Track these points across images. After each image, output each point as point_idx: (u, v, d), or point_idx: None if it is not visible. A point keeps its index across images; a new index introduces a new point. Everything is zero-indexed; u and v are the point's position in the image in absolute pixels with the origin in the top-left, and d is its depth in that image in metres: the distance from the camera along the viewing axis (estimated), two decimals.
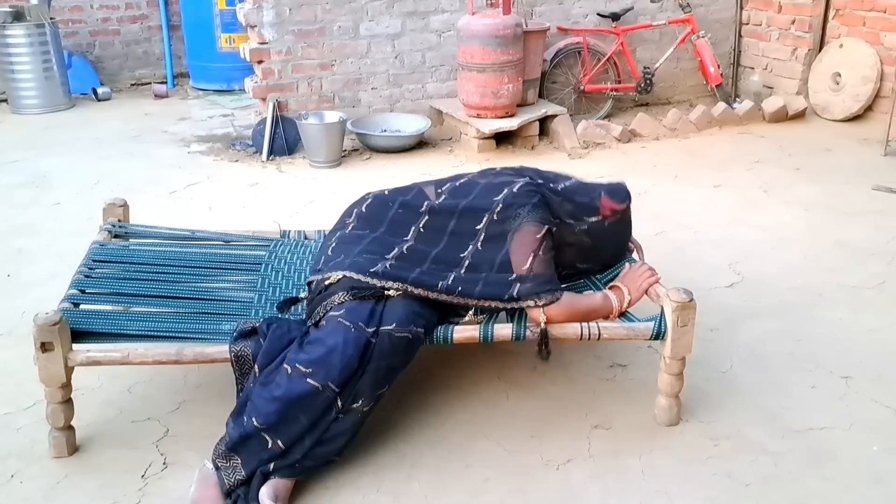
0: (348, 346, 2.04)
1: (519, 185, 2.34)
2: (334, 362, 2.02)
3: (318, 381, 2.01)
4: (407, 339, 2.11)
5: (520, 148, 5.16)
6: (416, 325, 2.13)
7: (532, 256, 2.23)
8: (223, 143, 5.39)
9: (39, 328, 2.05)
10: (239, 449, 2.03)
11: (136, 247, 2.77)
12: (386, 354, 2.09)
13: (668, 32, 5.95)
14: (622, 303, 2.32)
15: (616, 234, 2.49)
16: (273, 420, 2.01)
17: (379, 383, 2.10)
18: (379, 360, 2.08)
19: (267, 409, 2.01)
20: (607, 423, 2.38)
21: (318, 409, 2.02)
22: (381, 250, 2.25)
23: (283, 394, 2.01)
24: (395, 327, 2.09)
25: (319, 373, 2.01)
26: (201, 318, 2.32)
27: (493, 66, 4.91)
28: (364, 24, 5.31)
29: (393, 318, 2.10)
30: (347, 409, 2.07)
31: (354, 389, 2.06)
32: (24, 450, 2.24)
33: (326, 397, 2.02)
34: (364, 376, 2.07)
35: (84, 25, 7.07)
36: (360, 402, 2.08)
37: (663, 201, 4.20)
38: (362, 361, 2.05)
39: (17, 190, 4.45)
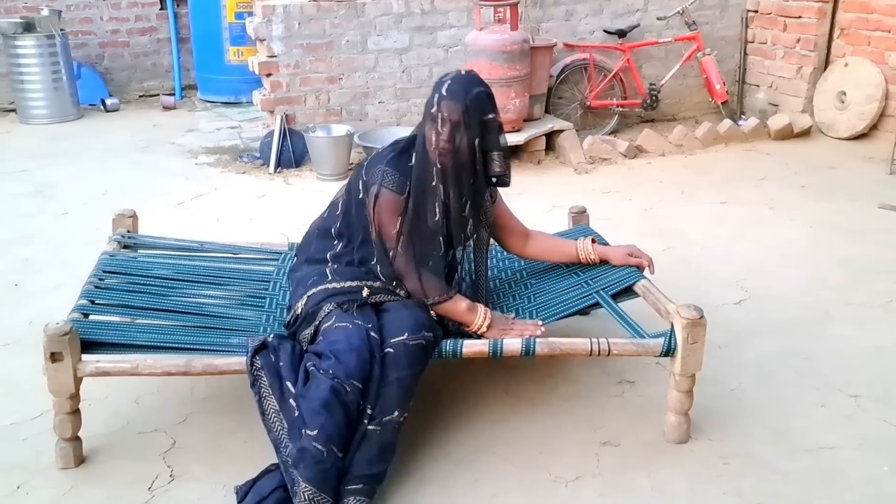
0: (352, 339, 2.09)
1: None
2: (348, 360, 2.05)
3: (340, 380, 2.03)
4: (422, 346, 2.15)
5: (526, 163, 5.18)
6: (426, 331, 2.17)
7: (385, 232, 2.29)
8: (231, 154, 5.41)
9: (50, 338, 2.05)
10: (299, 463, 1.98)
11: (144, 258, 2.78)
12: (407, 364, 2.11)
13: (674, 49, 5.98)
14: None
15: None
16: (313, 422, 2.00)
17: (408, 392, 2.12)
18: (400, 370, 2.10)
19: (312, 420, 2.01)
20: (616, 440, 2.37)
21: (349, 405, 2.02)
22: (320, 265, 2.37)
23: (316, 398, 2.03)
24: (408, 336, 2.12)
25: (339, 372, 2.04)
26: (209, 332, 2.32)
27: (499, 81, 4.92)
28: (372, 38, 5.34)
29: (403, 327, 2.13)
30: (383, 422, 2.07)
31: (382, 399, 2.07)
32: (30, 460, 2.24)
33: (353, 397, 2.03)
34: (389, 387, 2.08)
35: (94, 37, 7.11)
36: (395, 414, 2.09)
37: (669, 218, 4.21)
38: (372, 354, 2.09)
39: (25, 199, 4.47)
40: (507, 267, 2.85)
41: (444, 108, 2.19)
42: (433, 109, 2.21)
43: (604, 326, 2.84)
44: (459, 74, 2.28)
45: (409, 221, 2.25)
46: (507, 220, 2.57)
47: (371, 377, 2.08)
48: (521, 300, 2.58)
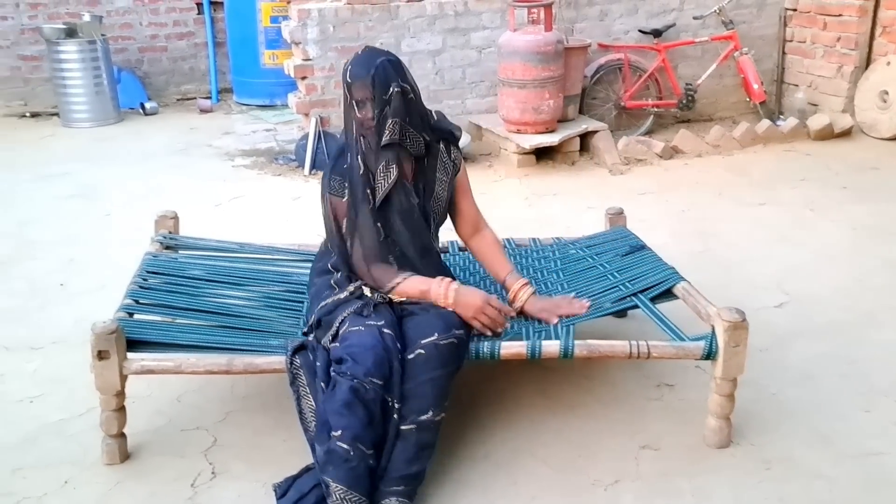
0: (365, 339, 2.10)
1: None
2: (364, 359, 2.05)
3: (359, 379, 2.03)
4: (454, 345, 2.14)
5: (560, 164, 5.16)
6: (457, 329, 2.17)
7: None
8: (266, 157, 5.47)
9: (97, 336, 2.09)
10: (328, 466, 1.99)
11: (186, 259, 2.82)
12: (440, 363, 2.11)
13: (710, 49, 5.91)
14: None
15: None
16: (339, 424, 2.00)
17: (442, 392, 2.12)
18: (433, 371, 2.10)
19: (336, 421, 2.02)
20: (656, 444, 2.35)
21: (371, 404, 2.03)
22: (327, 275, 2.40)
23: (338, 400, 2.03)
24: (438, 336, 2.11)
25: (357, 372, 2.04)
26: (248, 334, 2.35)
27: (533, 82, 4.92)
28: (406, 40, 5.36)
29: (433, 328, 2.13)
30: (418, 422, 2.07)
31: (415, 399, 2.07)
32: (77, 456, 2.29)
33: (373, 395, 2.03)
34: (423, 387, 2.08)
35: (133, 42, 7.24)
36: (430, 413, 2.09)
37: (707, 219, 4.16)
38: (388, 350, 2.09)
39: (69, 201, 4.56)
40: (543, 267, 2.84)
41: (355, 91, 2.19)
42: (348, 100, 2.22)
43: (640, 328, 2.83)
44: (357, 55, 2.27)
45: (350, 219, 2.27)
46: (460, 202, 2.47)
47: (391, 374, 2.07)
48: None
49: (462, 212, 2.48)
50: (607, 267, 2.70)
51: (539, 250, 2.98)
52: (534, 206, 4.44)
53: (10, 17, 6.88)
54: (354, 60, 2.23)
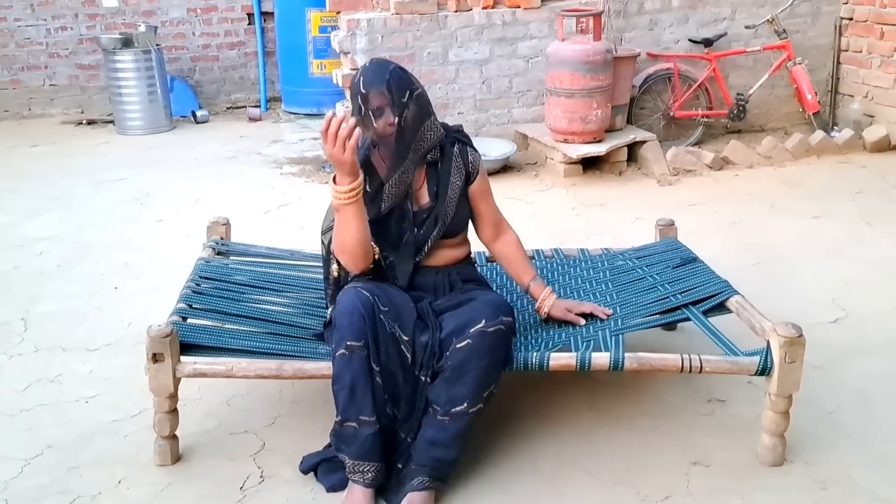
0: (345, 303, 2.11)
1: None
2: (343, 323, 2.08)
3: (342, 348, 2.07)
4: (501, 331, 2.12)
5: (607, 174, 5.11)
6: (504, 315, 2.15)
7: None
8: (314, 165, 5.53)
9: (152, 339, 2.13)
10: (340, 445, 2.12)
11: (237, 265, 2.86)
12: (486, 351, 2.09)
13: (762, 59, 5.81)
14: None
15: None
16: (341, 405, 2.09)
17: (485, 382, 2.11)
18: (480, 360, 2.08)
19: (336, 402, 2.11)
20: (707, 460, 2.31)
21: (358, 369, 2.07)
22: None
23: (334, 379, 2.11)
24: (485, 323, 2.10)
25: (340, 341, 2.08)
26: (297, 341, 2.37)
27: (581, 91, 4.89)
28: (453, 50, 5.38)
29: (480, 315, 2.11)
30: (451, 413, 2.08)
31: (455, 389, 2.08)
32: (130, 457, 2.33)
33: (356, 355, 2.06)
34: (466, 375, 2.08)
35: (186, 51, 7.41)
36: (464, 405, 2.09)
37: (759, 232, 4.08)
38: (368, 312, 2.09)
39: (124, 207, 4.67)
40: (592, 278, 2.82)
41: (371, 100, 2.17)
42: (362, 111, 2.18)
43: (690, 342, 2.80)
44: (365, 67, 2.25)
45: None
46: (479, 206, 2.43)
47: (368, 334, 2.07)
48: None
49: (481, 215, 2.46)
50: (658, 279, 2.66)
51: (587, 260, 2.95)
52: (580, 217, 4.41)
53: (69, 28, 7.09)
54: (364, 72, 2.22)
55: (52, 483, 2.22)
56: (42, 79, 7.11)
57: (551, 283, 2.80)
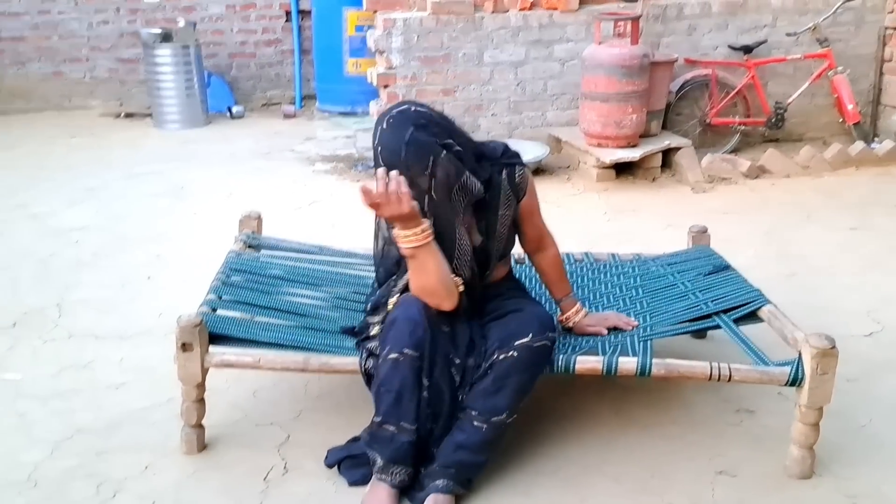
0: (414, 311, 2.08)
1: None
2: (402, 330, 2.06)
3: (395, 352, 2.05)
4: (546, 347, 2.13)
5: (640, 179, 5.07)
6: (550, 331, 2.14)
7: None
8: (346, 163, 5.56)
9: (182, 329, 2.16)
10: (372, 444, 2.11)
11: (267, 258, 2.88)
12: (529, 366, 2.10)
13: (803, 67, 5.72)
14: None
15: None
16: (383, 407, 2.07)
17: (522, 394, 2.12)
18: (521, 373, 2.09)
19: (377, 403, 2.09)
20: (733, 470, 2.27)
21: (408, 377, 2.05)
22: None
23: (379, 381, 2.08)
24: (532, 338, 2.09)
25: (394, 346, 2.06)
26: (326, 335, 2.38)
27: (617, 95, 4.86)
28: (489, 51, 5.38)
29: (527, 329, 2.10)
30: (490, 421, 2.08)
31: (495, 399, 2.07)
32: (157, 444, 2.36)
33: (409, 364, 2.05)
34: (506, 388, 2.08)
35: (224, 47, 7.49)
36: (503, 416, 2.09)
37: (794, 242, 4.02)
38: (431, 325, 2.08)
39: (159, 199, 4.74)
40: (622, 283, 2.79)
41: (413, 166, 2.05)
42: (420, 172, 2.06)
43: (719, 350, 2.75)
44: (383, 130, 2.08)
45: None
46: (525, 225, 2.37)
47: (428, 344, 2.06)
48: (636, 318, 2.50)
49: (527, 231, 2.40)
50: (689, 286, 2.63)
51: (618, 266, 2.93)
52: (612, 222, 4.38)
53: (110, 22, 7.21)
54: (381, 140, 2.08)
55: (80, 466, 2.26)
56: (83, 71, 7.24)
57: (581, 287, 2.79)
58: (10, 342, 2.98)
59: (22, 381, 2.71)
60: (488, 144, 2.31)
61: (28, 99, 7.10)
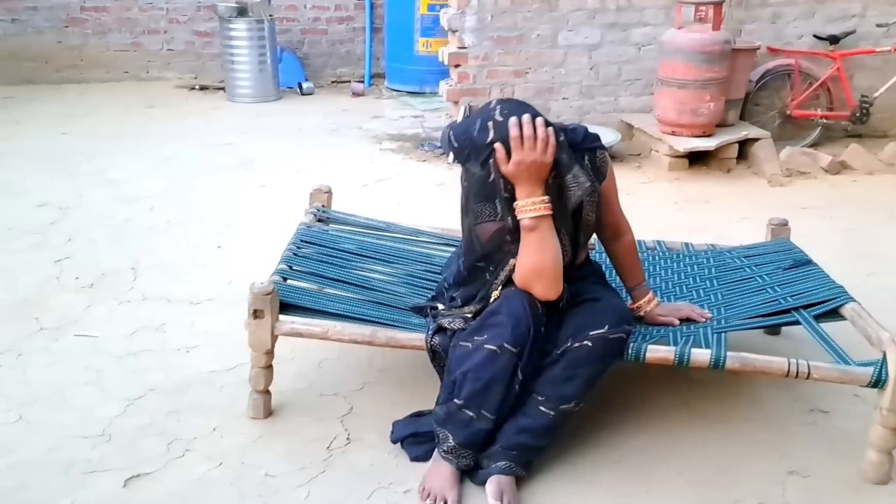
0: (519, 306, 2.04)
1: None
2: (505, 324, 2.03)
3: (494, 345, 2.02)
4: (621, 339, 2.09)
5: (714, 170, 4.93)
6: (627, 324, 2.10)
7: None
8: (412, 142, 5.56)
9: (254, 296, 2.19)
10: (446, 424, 2.09)
11: (336, 232, 2.90)
12: (602, 357, 2.06)
13: (892, 60, 5.45)
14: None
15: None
16: (466, 392, 2.04)
17: (592, 384, 2.09)
18: (594, 364, 2.06)
19: (460, 386, 2.06)
20: (805, 471, 2.20)
21: (502, 371, 2.02)
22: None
23: (468, 366, 2.05)
24: (608, 329, 2.05)
25: (494, 338, 2.03)
26: (392, 310, 2.39)
27: (694, 82, 4.73)
28: (563, 33, 5.29)
29: (604, 320, 2.07)
30: (559, 409, 2.06)
31: (565, 387, 2.05)
32: (225, 407, 2.41)
33: (507, 359, 2.02)
34: (576, 378, 2.05)
35: (297, 24, 7.56)
36: (572, 404, 2.07)
37: (876, 241, 3.85)
38: (534, 322, 2.04)
39: (230, 171, 4.82)
40: (696, 273, 2.72)
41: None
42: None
43: (795, 348, 2.66)
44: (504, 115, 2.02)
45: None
46: (602, 206, 2.26)
47: (529, 342, 2.03)
48: (710, 310, 2.43)
49: (606, 221, 2.32)
50: (767, 279, 2.54)
51: (692, 255, 2.85)
52: (684, 212, 4.27)
53: None
54: (501, 121, 2.00)
55: (151, 424, 2.32)
56: (161, 43, 7.40)
57: (653, 276, 2.73)
58: (87, 301, 3.07)
59: (98, 339, 2.79)
60: (568, 128, 2.25)
61: (108, 68, 7.30)
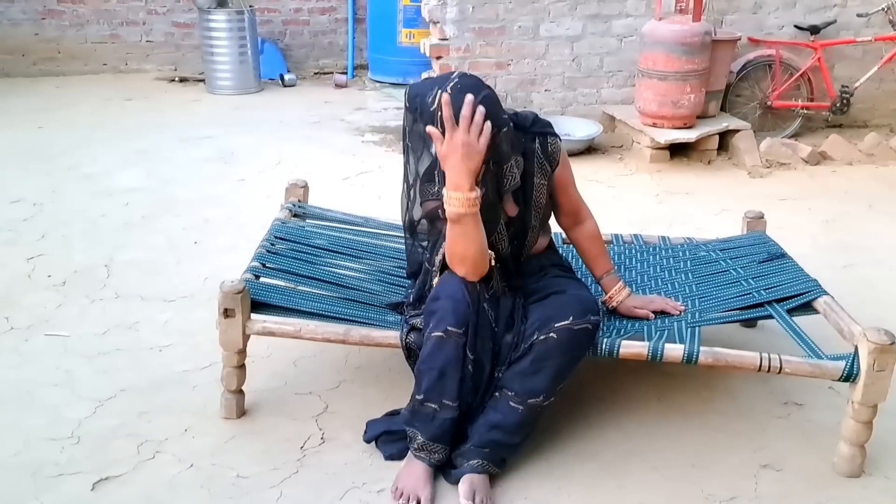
0: (456, 288, 2.03)
1: None
2: (446, 307, 2.02)
3: (439, 331, 2.01)
4: (587, 330, 2.07)
5: (695, 161, 4.93)
6: (593, 315, 2.08)
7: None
8: (395, 134, 5.52)
9: (224, 295, 2.17)
10: (413, 421, 2.09)
11: (312, 228, 2.88)
12: (569, 349, 2.05)
13: (872, 50, 5.48)
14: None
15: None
16: (425, 386, 2.04)
17: (561, 377, 2.07)
18: (561, 356, 2.04)
19: (418, 381, 2.07)
20: (778, 465, 2.21)
21: (452, 355, 2.01)
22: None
23: (421, 359, 2.06)
24: (573, 321, 2.04)
25: (438, 324, 2.02)
26: (368, 308, 2.37)
27: (675, 74, 4.72)
28: (545, 24, 5.27)
29: (568, 312, 2.05)
30: (527, 403, 2.05)
31: (532, 381, 2.04)
32: (198, 407, 2.38)
33: (454, 342, 2.01)
34: (544, 371, 2.04)
35: (278, 14, 7.49)
36: (540, 398, 2.06)
37: (854, 232, 3.87)
38: (473, 299, 2.03)
39: (208, 164, 4.78)
40: (672, 266, 2.72)
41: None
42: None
43: (769, 341, 2.67)
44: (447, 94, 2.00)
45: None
46: (560, 196, 2.30)
47: (473, 323, 2.02)
48: (685, 303, 2.43)
49: (562, 203, 2.34)
50: (742, 272, 2.55)
51: (668, 249, 2.85)
52: (664, 204, 4.27)
53: None
54: (452, 99, 1.97)
55: (122, 425, 2.29)
56: (140, 35, 7.32)
57: (629, 269, 2.72)
58: (59, 299, 3.04)
59: (69, 338, 2.76)
60: (518, 114, 2.25)
61: (86, 61, 7.22)
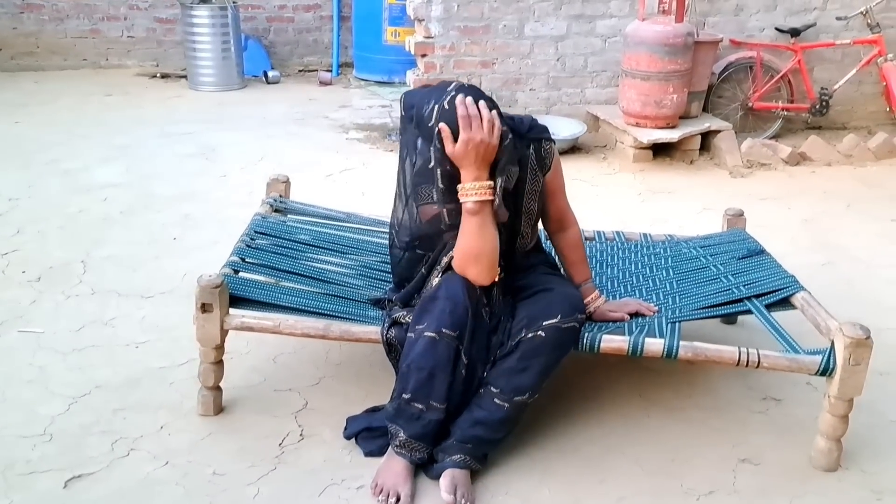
0: (458, 289, 2.02)
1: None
2: (443, 308, 2.01)
3: (432, 331, 2.00)
4: (574, 329, 2.08)
5: (677, 161, 4.96)
6: (580, 313, 2.09)
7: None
8: (380, 132, 5.51)
9: (202, 289, 2.14)
10: (397, 419, 2.07)
11: (293, 223, 2.86)
12: (556, 346, 2.05)
13: (851, 53, 5.53)
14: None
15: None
16: (412, 385, 2.02)
17: (547, 375, 2.08)
18: (547, 354, 2.04)
19: (406, 379, 2.04)
20: (756, 459, 2.22)
21: (444, 358, 2.00)
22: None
23: (411, 357, 2.03)
24: (560, 319, 2.04)
25: (432, 324, 2.01)
26: (348, 303, 2.36)
27: (658, 74, 4.74)
28: (529, 24, 5.27)
29: (556, 310, 2.05)
30: (513, 401, 2.05)
31: (518, 379, 2.03)
32: (174, 404, 2.36)
33: (446, 344, 2.00)
34: (530, 369, 2.04)
35: (262, 11, 7.45)
36: (525, 396, 2.06)
37: (832, 231, 3.90)
38: (473, 304, 2.02)
39: (190, 160, 4.74)
40: (653, 263, 2.73)
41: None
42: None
43: (749, 336, 2.69)
44: (444, 108, 2.03)
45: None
46: (549, 203, 2.30)
47: (467, 326, 2.01)
48: (665, 299, 2.45)
49: (549, 209, 2.33)
50: (721, 269, 2.56)
51: (649, 246, 2.86)
52: (647, 203, 4.29)
53: None
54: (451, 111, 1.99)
55: (96, 422, 2.26)
56: (121, 30, 7.25)
57: (610, 266, 2.73)
58: (33, 296, 3.00)
59: (43, 334, 2.73)
60: (515, 119, 2.24)
61: (65, 56, 7.14)
